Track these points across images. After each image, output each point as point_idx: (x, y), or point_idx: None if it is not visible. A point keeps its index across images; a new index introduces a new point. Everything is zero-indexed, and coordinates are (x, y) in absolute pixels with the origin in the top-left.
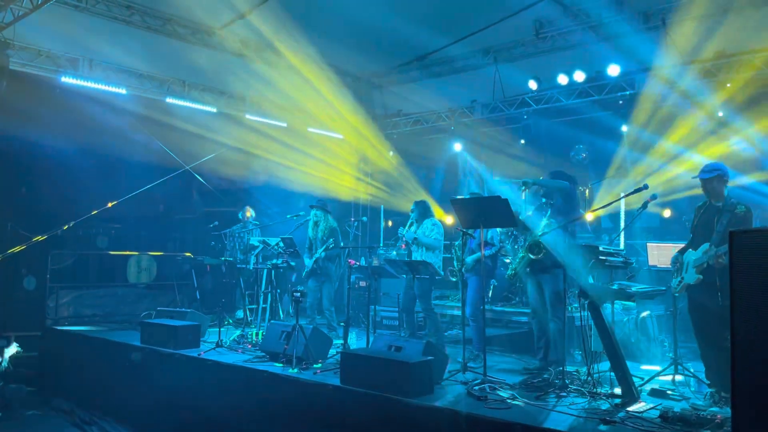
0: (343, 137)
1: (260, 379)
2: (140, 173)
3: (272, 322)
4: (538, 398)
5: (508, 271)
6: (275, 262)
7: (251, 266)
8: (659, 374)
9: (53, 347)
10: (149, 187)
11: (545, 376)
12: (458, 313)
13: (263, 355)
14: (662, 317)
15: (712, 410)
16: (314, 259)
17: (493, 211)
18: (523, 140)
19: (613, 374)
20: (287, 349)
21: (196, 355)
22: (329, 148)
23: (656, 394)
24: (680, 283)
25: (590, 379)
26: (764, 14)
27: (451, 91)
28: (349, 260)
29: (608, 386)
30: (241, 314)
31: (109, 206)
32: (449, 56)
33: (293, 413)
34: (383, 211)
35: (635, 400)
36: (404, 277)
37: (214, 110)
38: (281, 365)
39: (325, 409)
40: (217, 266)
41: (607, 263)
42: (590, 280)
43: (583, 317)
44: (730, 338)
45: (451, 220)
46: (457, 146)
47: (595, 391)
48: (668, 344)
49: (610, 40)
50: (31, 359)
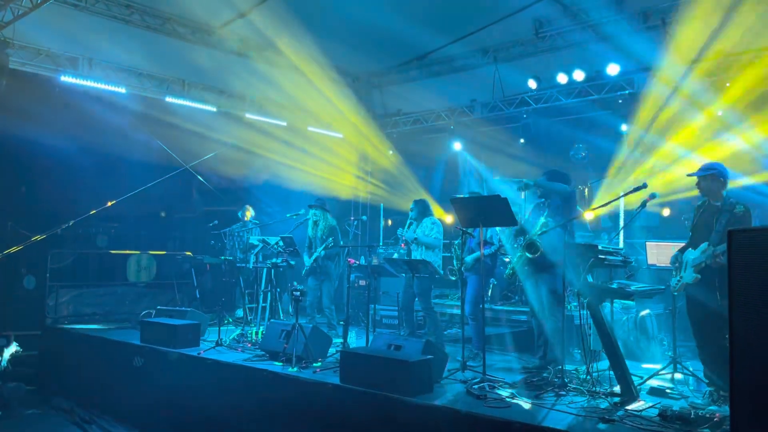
0: (342, 136)
1: (260, 378)
2: (140, 172)
3: (272, 321)
4: (537, 397)
5: (506, 270)
6: (275, 261)
7: (251, 265)
8: (658, 373)
9: (53, 346)
10: (149, 186)
11: (544, 374)
12: (458, 311)
13: (263, 354)
14: (661, 316)
15: (710, 409)
16: (314, 257)
17: (492, 210)
18: (522, 139)
19: (612, 373)
20: (287, 348)
21: (195, 354)
22: (329, 147)
23: (655, 392)
24: (679, 282)
25: (589, 377)
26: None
27: (450, 90)
28: (348, 259)
29: (607, 385)
30: (240, 313)
31: (108, 205)
32: (449, 55)
33: (293, 412)
34: (383, 210)
35: (634, 398)
36: (404, 275)
37: (213, 109)
38: (281, 364)
39: (324, 407)
40: (216, 265)
41: (606, 262)
42: (589, 279)
43: (582, 316)
44: (728, 337)
45: (450, 219)
46: (456, 145)
47: (594, 389)
48: (667, 343)
49: (609, 39)
50: (30, 358)
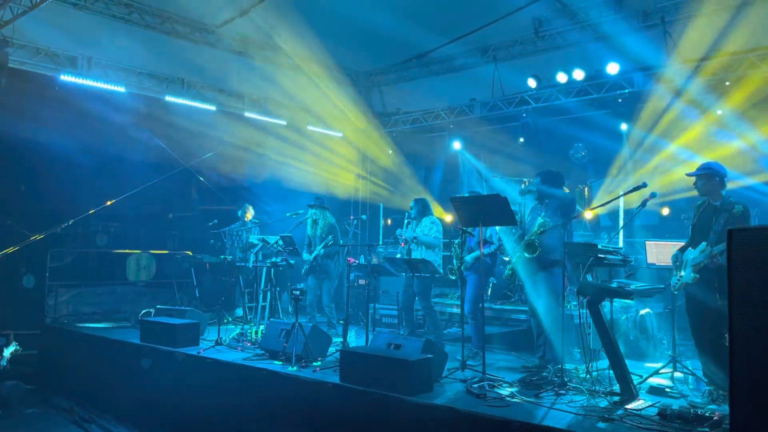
0: (342, 135)
1: (259, 377)
2: (139, 171)
3: (271, 320)
4: (536, 396)
5: (506, 272)
6: (274, 260)
7: (250, 264)
8: (657, 372)
9: (52, 345)
10: (148, 185)
11: (544, 374)
12: (457, 311)
13: (263, 353)
14: (661, 315)
15: (710, 408)
16: (313, 255)
17: (492, 209)
18: (522, 138)
19: (611, 372)
20: (287, 347)
21: (195, 353)
22: (329, 145)
23: (655, 391)
24: (679, 280)
25: (589, 376)
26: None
27: (450, 89)
28: (348, 258)
29: (607, 384)
30: (240, 312)
31: (108, 204)
32: (448, 54)
33: (292, 411)
34: (382, 209)
35: (634, 397)
36: (404, 275)
37: (213, 108)
38: (281, 363)
39: (324, 407)
40: (216, 264)
41: (605, 261)
42: (589, 278)
43: (581, 315)
44: (727, 336)
45: (450, 218)
46: (456, 144)
47: (593, 388)
48: (667, 342)
49: (609, 38)
50: (30, 357)
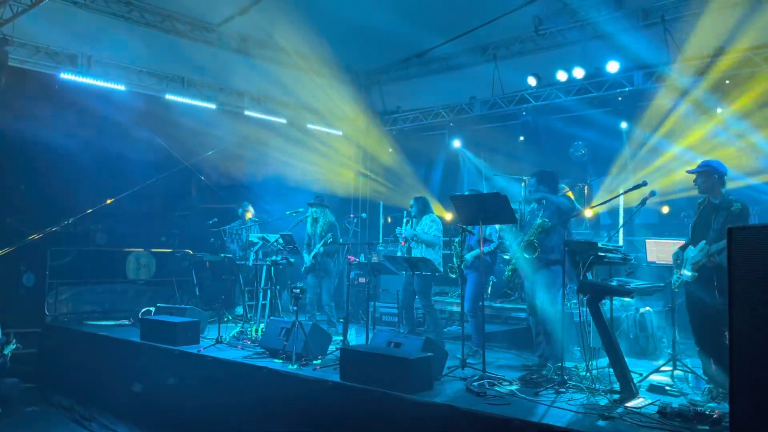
0: (342, 133)
1: (260, 375)
2: (140, 169)
3: (272, 318)
4: (536, 394)
5: (506, 272)
6: (274, 258)
7: (251, 263)
8: (657, 370)
9: (52, 343)
10: (148, 183)
11: (544, 372)
12: (457, 309)
13: (263, 351)
14: (661, 313)
15: (710, 406)
16: (313, 253)
17: (492, 207)
18: (522, 137)
19: (611, 370)
20: (287, 345)
21: (195, 351)
22: (329, 144)
23: (655, 389)
24: (679, 279)
25: (589, 375)
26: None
27: (450, 87)
28: (348, 257)
29: (607, 382)
30: (240, 311)
31: (108, 203)
32: (448, 53)
33: (293, 409)
34: (382, 207)
35: (634, 395)
36: (404, 273)
37: (213, 106)
38: (281, 361)
39: (324, 405)
40: (216, 263)
41: (605, 260)
42: (589, 276)
43: (581, 313)
44: (727, 334)
45: (450, 216)
46: (456, 143)
47: (593, 386)
48: (667, 340)
49: (609, 36)
50: (30, 356)
